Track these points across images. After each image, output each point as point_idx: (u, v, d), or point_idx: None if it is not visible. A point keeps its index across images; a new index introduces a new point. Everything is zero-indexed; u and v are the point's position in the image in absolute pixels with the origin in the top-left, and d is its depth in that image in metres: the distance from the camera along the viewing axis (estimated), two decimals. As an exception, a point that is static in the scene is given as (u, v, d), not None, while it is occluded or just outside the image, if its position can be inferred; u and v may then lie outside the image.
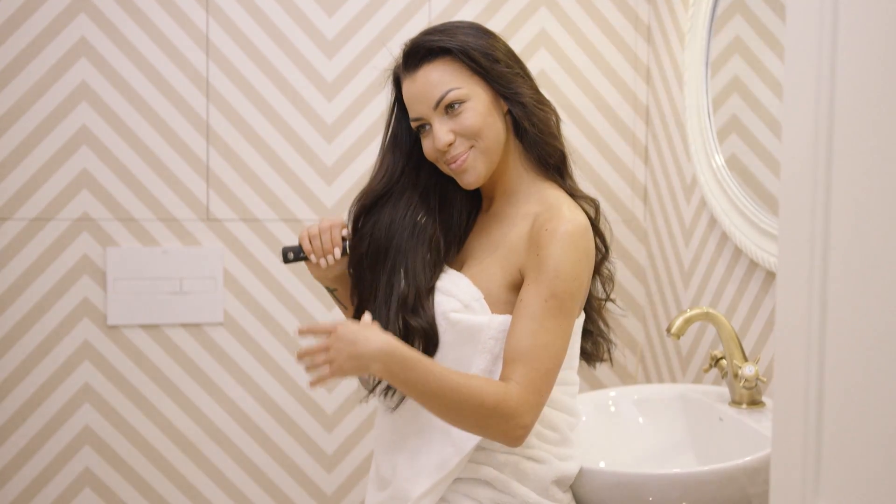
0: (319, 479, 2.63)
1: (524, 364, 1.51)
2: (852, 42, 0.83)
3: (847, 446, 0.85)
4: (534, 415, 1.51)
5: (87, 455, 2.51)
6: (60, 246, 2.46)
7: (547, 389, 1.52)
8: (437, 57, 1.59)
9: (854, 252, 0.83)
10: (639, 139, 2.74)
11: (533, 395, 1.50)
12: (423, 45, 1.60)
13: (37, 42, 2.42)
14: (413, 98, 1.61)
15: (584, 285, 1.57)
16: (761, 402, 1.92)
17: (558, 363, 1.54)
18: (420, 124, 1.63)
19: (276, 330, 2.59)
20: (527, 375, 1.51)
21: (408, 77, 1.62)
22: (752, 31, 2.21)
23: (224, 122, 2.53)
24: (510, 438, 1.52)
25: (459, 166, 1.60)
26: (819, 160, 0.85)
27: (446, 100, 1.58)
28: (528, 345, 1.51)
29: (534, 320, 1.52)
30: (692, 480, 1.61)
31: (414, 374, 1.47)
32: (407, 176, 1.70)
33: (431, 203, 1.70)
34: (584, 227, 1.56)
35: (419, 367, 1.47)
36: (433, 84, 1.59)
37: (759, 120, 2.18)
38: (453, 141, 1.59)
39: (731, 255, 2.26)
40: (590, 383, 2.71)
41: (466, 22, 1.66)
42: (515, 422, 1.50)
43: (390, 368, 1.47)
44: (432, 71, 1.59)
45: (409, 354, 1.47)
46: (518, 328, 1.53)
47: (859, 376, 0.84)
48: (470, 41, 1.59)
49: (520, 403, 1.50)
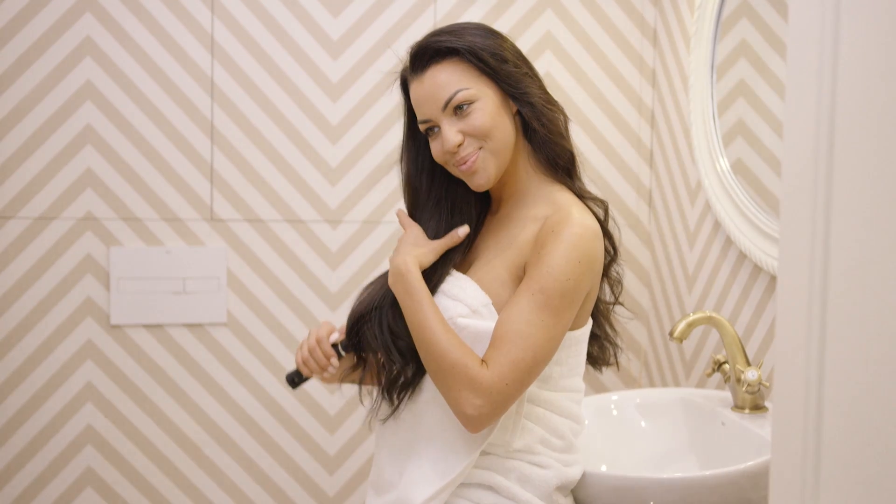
0: (321, 481, 2.63)
1: (495, 347, 1.51)
2: (854, 42, 0.82)
3: (847, 452, 0.85)
4: (492, 399, 1.48)
5: (89, 454, 2.51)
6: (64, 245, 2.46)
7: (513, 380, 1.49)
8: (444, 58, 1.58)
9: (855, 254, 0.83)
10: (644, 143, 2.73)
11: (495, 378, 1.48)
12: (430, 46, 1.59)
13: (42, 41, 2.43)
14: (421, 100, 1.60)
15: (579, 288, 1.54)
16: (764, 407, 1.91)
17: (533, 359, 1.50)
18: (428, 126, 1.61)
19: (279, 331, 2.59)
20: (494, 358, 1.50)
21: (415, 79, 1.60)
22: (758, 35, 2.20)
23: (228, 122, 2.53)
24: (461, 409, 1.50)
25: (469, 168, 1.59)
26: (820, 161, 0.85)
27: (455, 100, 1.56)
28: (503, 330, 1.51)
29: (517, 309, 1.51)
30: (693, 485, 1.60)
31: (413, 301, 1.56)
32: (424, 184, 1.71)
33: (443, 211, 1.70)
34: (591, 231, 1.54)
35: (417, 298, 1.56)
36: (441, 85, 1.57)
37: (765, 124, 2.18)
38: (462, 142, 1.57)
39: (736, 260, 2.25)
40: (593, 387, 2.70)
41: (474, 23, 1.64)
42: (468, 392, 1.48)
43: (396, 288, 1.59)
44: (440, 72, 1.57)
45: (417, 286, 1.57)
46: (502, 315, 1.53)
47: (860, 380, 0.83)
48: (478, 41, 1.58)
49: (478, 377, 1.48)
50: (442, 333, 1.52)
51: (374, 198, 2.60)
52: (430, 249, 1.62)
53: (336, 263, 2.60)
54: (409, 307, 1.56)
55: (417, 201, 1.71)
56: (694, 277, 2.47)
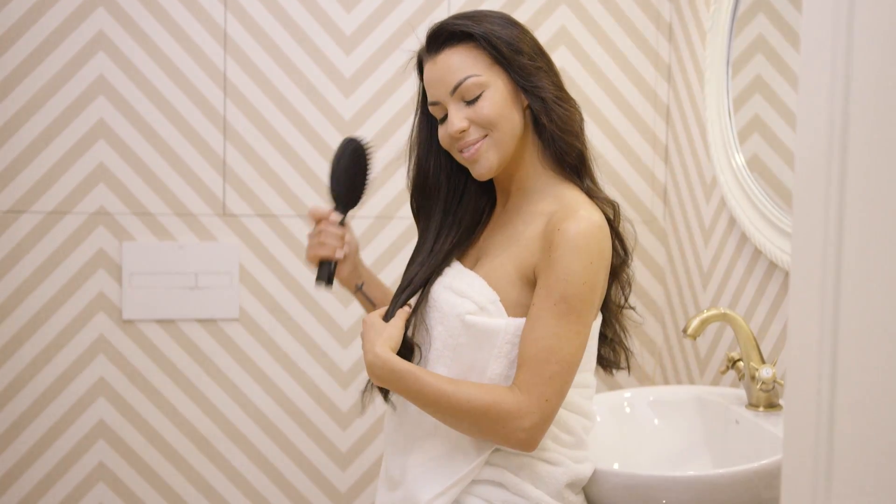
0: (333, 477, 2.62)
1: (527, 368, 1.50)
2: (868, 36, 0.81)
3: (860, 451, 0.84)
4: (536, 419, 1.49)
5: (101, 449, 2.51)
6: (76, 240, 2.47)
7: (553, 393, 1.49)
8: (459, 42, 1.57)
9: (868, 250, 0.81)
10: (659, 138, 2.71)
11: (534, 400, 1.48)
12: (446, 27, 1.58)
13: (55, 36, 2.43)
14: (432, 81, 1.59)
15: (597, 287, 1.53)
16: (779, 405, 1.90)
17: (569, 367, 1.51)
18: (437, 108, 1.60)
19: (291, 326, 2.58)
20: (528, 380, 1.49)
21: (429, 60, 1.60)
22: (775, 30, 2.18)
23: (241, 117, 2.53)
24: (511, 442, 1.51)
25: (472, 155, 1.58)
26: (833, 156, 0.83)
27: (464, 86, 1.55)
28: (533, 349, 1.50)
29: (541, 324, 1.50)
30: (706, 483, 1.59)
31: (408, 385, 1.52)
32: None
33: (450, 200, 1.70)
34: (598, 226, 1.52)
35: (410, 379, 1.51)
36: (452, 69, 1.56)
37: (782, 120, 2.16)
38: (467, 128, 1.56)
39: (751, 256, 2.23)
40: (606, 384, 2.69)
41: (496, 12, 1.63)
42: (513, 425, 1.49)
43: (386, 381, 1.54)
44: (453, 55, 1.57)
45: (401, 367, 1.52)
46: (526, 332, 1.52)
47: (873, 378, 0.82)
48: (496, 29, 1.57)
49: (516, 407, 1.48)
50: (455, 391, 1.51)
51: (386, 193, 2.59)
52: (393, 327, 1.58)
53: (348, 259, 2.59)
54: (410, 391, 1.53)
55: (425, 184, 1.70)
56: (709, 274, 2.45)
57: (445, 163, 1.68)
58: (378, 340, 1.54)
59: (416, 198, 1.73)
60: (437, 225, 1.68)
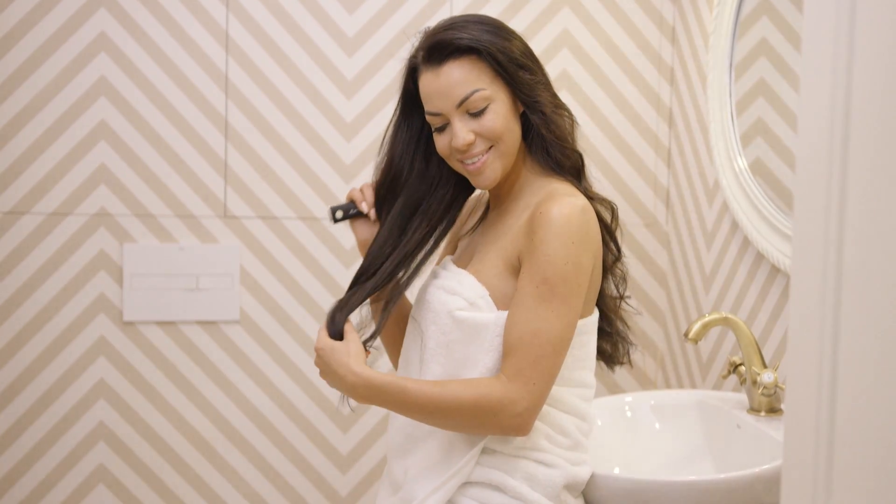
0: (334, 480, 2.62)
1: (513, 354, 1.51)
2: (869, 38, 0.81)
3: (860, 456, 0.83)
4: (526, 403, 1.50)
5: (101, 451, 2.51)
6: (77, 241, 2.46)
7: (539, 376, 1.50)
8: (463, 55, 1.57)
9: (869, 253, 0.81)
10: (661, 141, 2.70)
11: (521, 384, 1.49)
12: (450, 41, 1.57)
13: (56, 36, 2.43)
14: (434, 93, 1.59)
15: (581, 269, 1.53)
16: (780, 410, 1.89)
17: (554, 349, 1.51)
18: (438, 119, 1.60)
19: (292, 328, 2.58)
20: (515, 365, 1.50)
21: (429, 70, 1.59)
22: (779, 34, 2.18)
23: (243, 119, 2.52)
24: (506, 430, 1.52)
25: (477, 168, 1.59)
26: (834, 158, 0.83)
27: (471, 100, 1.56)
28: (517, 333, 1.51)
29: (524, 308, 1.51)
30: (707, 488, 1.59)
31: (393, 396, 1.52)
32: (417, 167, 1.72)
33: (406, 208, 1.71)
34: (580, 208, 1.53)
35: (394, 390, 1.51)
36: (458, 82, 1.56)
37: (786, 124, 2.15)
38: (473, 141, 1.57)
39: (753, 260, 2.23)
40: (607, 387, 2.68)
41: (487, 18, 1.63)
42: (505, 412, 1.49)
43: (368, 398, 1.54)
44: (457, 68, 1.57)
45: (383, 380, 1.52)
46: (510, 317, 1.53)
47: (874, 382, 0.82)
48: (497, 43, 1.57)
49: (505, 395, 1.49)
50: (441, 392, 1.51)
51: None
52: (353, 342, 1.58)
53: (350, 261, 2.59)
54: (396, 402, 1.53)
55: (395, 184, 1.71)
56: (711, 278, 2.44)
57: (420, 167, 1.70)
58: (349, 361, 1.54)
59: (381, 192, 1.74)
60: (403, 219, 1.70)
